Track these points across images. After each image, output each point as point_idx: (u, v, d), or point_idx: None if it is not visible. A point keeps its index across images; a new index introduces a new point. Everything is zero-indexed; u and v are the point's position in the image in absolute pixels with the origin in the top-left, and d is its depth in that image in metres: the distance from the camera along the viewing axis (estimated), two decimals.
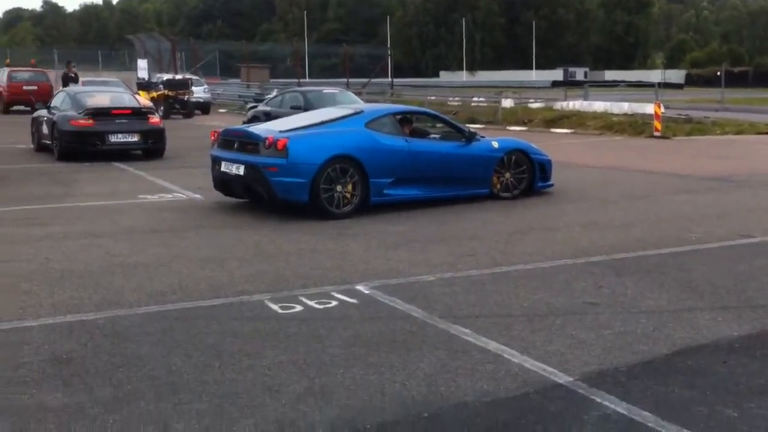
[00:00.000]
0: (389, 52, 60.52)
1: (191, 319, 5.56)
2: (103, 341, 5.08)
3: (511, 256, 7.57)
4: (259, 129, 10.18)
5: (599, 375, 4.53)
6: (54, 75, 34.67)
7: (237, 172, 9.70)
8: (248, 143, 9.77)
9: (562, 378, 4.48)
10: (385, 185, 9.86)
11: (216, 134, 10.53)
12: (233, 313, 5.73)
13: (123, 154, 15.71)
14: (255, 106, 21.68)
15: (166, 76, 32.89)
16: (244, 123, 16.67)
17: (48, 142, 16.28)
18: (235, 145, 9.95)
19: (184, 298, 6.08)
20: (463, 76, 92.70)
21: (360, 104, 14.71)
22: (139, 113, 16.10)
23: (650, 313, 5.74)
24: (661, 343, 5.09)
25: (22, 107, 30.23)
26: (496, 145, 11.04)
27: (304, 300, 6.04)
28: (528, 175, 11.14)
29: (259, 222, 9.32)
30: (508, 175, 11.00)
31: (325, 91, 19.84)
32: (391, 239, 8.40)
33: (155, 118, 16.21)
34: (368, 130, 9.98)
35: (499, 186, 10.96)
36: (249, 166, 9.52)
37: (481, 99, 33.80)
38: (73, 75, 28.24)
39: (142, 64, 40.18)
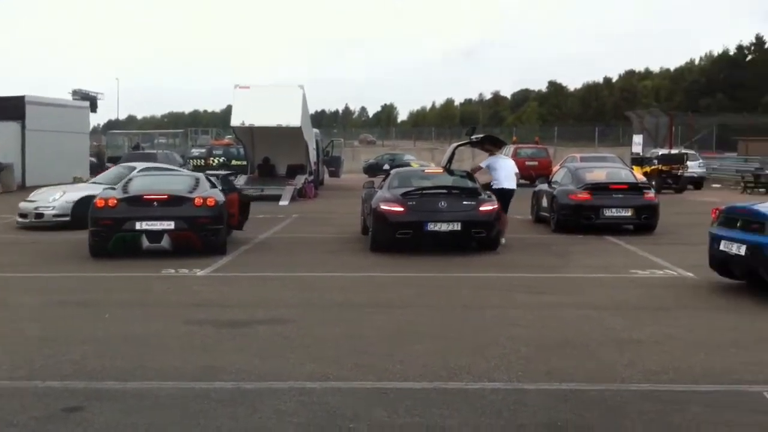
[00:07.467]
0: None
1: (685, 403, 5.41)
2: (597, 414, 5.19)
3: None
4: (767, 207, 9.55)
5: None
6: (553, 151, 36.74)
7: (738, 252, 9.21)
8: (753, 222, 9.23)
9: None
10: None
11: (717, 211, 10.16)
12: (730, 402, 5.44)
13: (615, 228, 15.94)
14: None
15: (661, 151, 32.70)
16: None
17: (546, 214, 17.24)
18: (738, 224, 9.47)
19: (677, 380, 5.94)
20: None
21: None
22: (636, 188, 16.25)
23: None
24: None
25: (523, 181, 32.47)
26: None
27: None
28: None
29: (758, 307, 8.72)
30: None
31: None
32: None
33: (650, 194, 16.20)
34: None
35: None
36: (752, 247, 8.97)
37: None
38: None
39: (638, 139, 40.60)
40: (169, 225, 12.32)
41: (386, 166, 34.47)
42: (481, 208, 13.13)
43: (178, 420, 5.12)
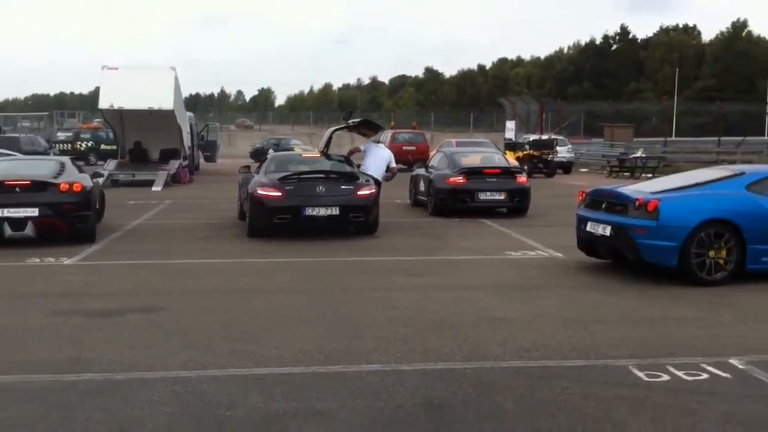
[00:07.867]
0: None
1: (553, 378, 5.59)
2: (471, 391, 5.30)
3: None
4: (630, 189, 10.01)
5: None
6: (430, 136, 37.20)
7: (603, 233, 9.61)
8: (617, 204, 9.65)
9: None
10: (765, 252, 9.11)
11: (584, 194, 10.55)
12: (596, 376, 5.65)
13: (489, 211, 16.33)
14: None
15: (532, 137, 33.70)
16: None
17: (423, 198, 17.49)
18: (603, 205, 9.88)
19: (547, 356, 6.14)
20: None
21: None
22: (508, 173, 16.67)
23: None
24: None
25: (400, 166, 32.79)
26: None
27: (672, 369, 5.77)
28: None
29: (622, 285, 9.11)
30: None
31: None
32: None
33: (522, 178, 16.66)
34: (750, 192, 9.32)
35: None
36: (616, 227, 9.38)
37: None
38: None
39: (510, 125, 41.63)
40: (33, 212, 11.75)
41: (271, 151, 34.25)
42: (359, 193, 13.16)
43: (44, 414, 4.88)
